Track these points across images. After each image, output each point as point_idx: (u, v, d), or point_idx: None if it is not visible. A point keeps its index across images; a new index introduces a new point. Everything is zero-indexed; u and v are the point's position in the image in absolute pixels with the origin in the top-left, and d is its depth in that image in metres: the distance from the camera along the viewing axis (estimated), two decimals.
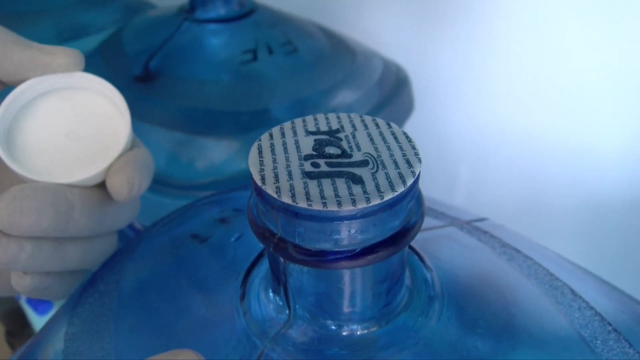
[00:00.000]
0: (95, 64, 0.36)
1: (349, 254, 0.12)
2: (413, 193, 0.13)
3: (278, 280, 0.15)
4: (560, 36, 0.37)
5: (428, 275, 0.16)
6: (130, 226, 0.34)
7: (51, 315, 0.20)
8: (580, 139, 0.40)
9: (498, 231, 0.22)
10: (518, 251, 0.20)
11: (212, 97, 0.33)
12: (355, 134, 0.14)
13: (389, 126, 0.15)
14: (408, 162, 0.13)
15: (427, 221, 0.21)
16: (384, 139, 0.14)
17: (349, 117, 0.15)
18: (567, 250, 0.42)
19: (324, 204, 0.12)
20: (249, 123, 0.33)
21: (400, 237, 0.13)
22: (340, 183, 0.12)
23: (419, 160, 0.13)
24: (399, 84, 0.39)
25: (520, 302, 0.17)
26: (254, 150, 0.14)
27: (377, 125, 0.15)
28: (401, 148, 0.14)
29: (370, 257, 0.13)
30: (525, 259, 0.20)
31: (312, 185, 0.12)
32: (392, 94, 0.38)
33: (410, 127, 0.41)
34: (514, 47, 0.39)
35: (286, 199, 0.12)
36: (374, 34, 0.44)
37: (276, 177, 0.13)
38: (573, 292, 0.19)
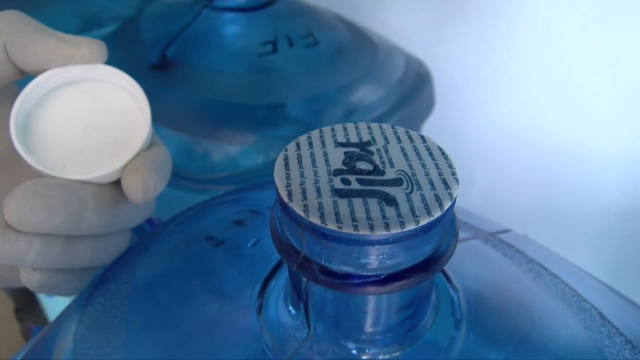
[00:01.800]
0: (110, 49, 0.35)
1: (376, 279, 0.12)
2: (449, 216, 0.12)
3: (299, 297, 0.14)
4: (585, 41, 0.35)
5: (454, 296, 0.16)
6: (147, 219, 0.33)
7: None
8: (600, 145, 0.39)
9: (522, 244, 0.21)
10: (544, 268, 0.20)
11: (228, 89, 0.32)
12: (387, 148, 0.13)
13: (423, 140, 0.14)
14: (445, 182, 0.12)
15: None
16: (418, 154, 0.13)
17: (381, 127, 0.14)
18: (583, 258, 0.41)
19: (355, 227, 0.11)
20: (265, 117, 0.32)
21: (431, 263, 0.12)
22: (373, 204, 0.12)
23: (457, 181, 0.12)
24: (420, 81, 0.38)
25: (548, 325, 0.17)
26: (280, 161, 0.13)
27: (410, 138, 0.14)
28: (437, 166, 0.13)
29: (398, 284, 0.12)
30: (552, 277, 0.19)
31: (343, 204, 0.12)
32: (414, 91, 0.37)
33: (427, 124, 0.40)
34: (539, 49, 0.38)
35: (314, 219, 0.11)
36: (394, 26, 0.42)
37: (304, 193, 0.12)
38: (602, 315, 0.18)
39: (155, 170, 0.18)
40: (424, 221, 0.11)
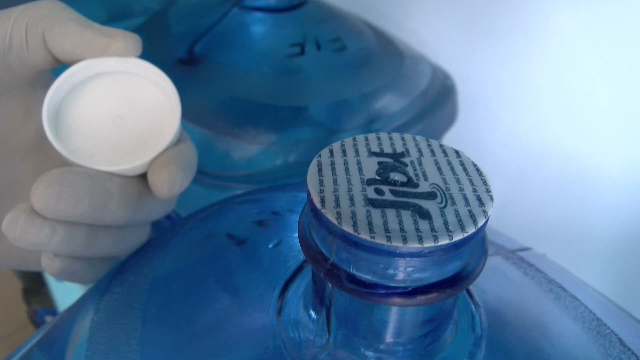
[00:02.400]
0: None
1: (403, 291, 0.12)
2: (482, 234, 0.12)
3: (321, 303, 0.14)
4: (608, 63, 0.35)
5: (476, 313, 0.15)
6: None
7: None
8: (623, 169, 0.38)
9: (542, 263, 0.21)
10: (564, 289, 0.19)
11: (253, 88, 0.32)
12: (421, 161, 0.13)
13: (458, 155, 0.14)
14: (479, 199, 0.12)
15: None
16: (452, 169, 0.13)
17: (415, 140, 0.14)
18: (597, 281, 0.41)
19: (388, 238, 0.11)
20: (288, 118, 0.32)
21: (460, 281, 0.12)
22: (406, 216, 0.12)
23: (491, 199, 0.12)
24: (445, 93, 0.38)
25: (567, 348, 0.16)
26: (313, 167, 0.13)
27: (444, 152, 0.14)
28: (471, 182, 0.13)
29: (424, 298, 0.12)
30: (572, 299, 0.19)
31: (376, 214, 0.12)
32: (438, 102, 0.37)
33: (448, 135, 0.40)
34: (565, 68, 0.38)
35: (347, 227, 0.11)
36: (423, 37, 0.42)
37: (337, 200, 0.12)
38: (622, 342, 0.18)
39: (182, 167, 0.18)
40: (458, 237, 0.11)
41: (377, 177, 0.13)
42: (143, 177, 0.19)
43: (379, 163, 0.13)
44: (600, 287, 0.22)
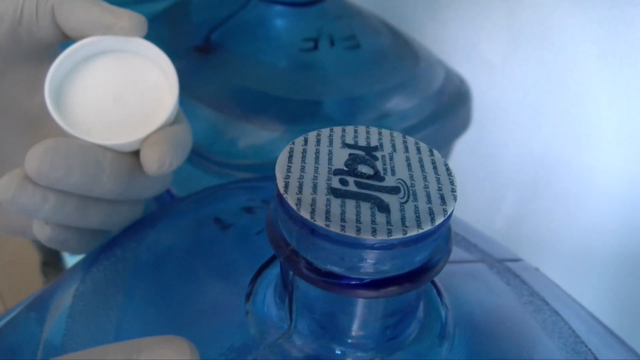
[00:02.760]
0: (159, 26, 0.36)
1: (358, 282, 0.12)
2: (441, 232, 0.12)
3: (285, 289, 0.14)
4: (635, 78, 0.34)
5: (443, 313, 0.15)
6: (169, 192, 0.34)
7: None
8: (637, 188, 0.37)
9: (530, 276, 0.21)
10: (546, 303, 0.19)
11: (265, 80, 0.32)
12: (393, 156, 0.13)
13: (431, 153, 0.14)
14: (442, 197, 0.12)
15: (457, 253, 0.20)
16: (422, 166, 0.13)
17: (391, 135, 0.14)
18: (600, 303, 0.40)
19: (343, 228, 0.11)
20: (297, 112, 0.32)
21: (417, 275, 0.12)
22: (365, 208, 0.12)
23: (454, 198, 0.12)
24: (459, 98, 0.38)
25: None
26: (284, 153, 0.13)
27: (418, 149, 0.14)
28: (438, 180, 0.13)
29: (382, 291, 0.12)
30: (552, 314, 0.19)
31: (335, 204, 0.12)
32: (450, 106, 0.37)
33: (461, 142, 0.39)
34: (586, 84, 0.37)
35: (305, 214, 0.11)
36: (443, 40, 0.42)
37: (300, 187, 0.12)
38: None
39: (174, 147, 0.18)
40: (412, 233, 0.11)
41: (345, 168, 0.13)
42: (136, 154, 0.19)
43: (350, 155, 0.13)
44: (608, 303, 0.21)
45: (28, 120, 0.20)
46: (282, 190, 0.12)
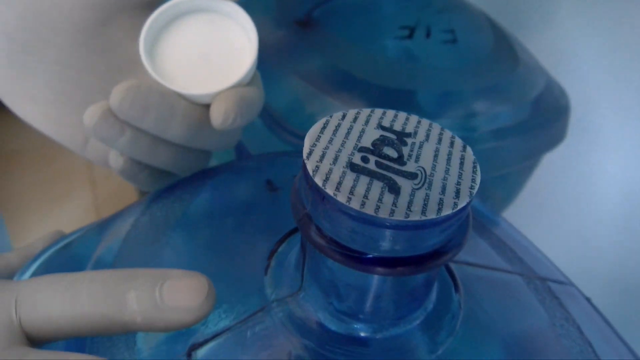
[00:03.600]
0: None
1: (358, 255, 0.12)
2: (447, 225, 0.12)
3: (301, 253, 0.15)
4: None
5: (456, 312, 0.15)
6: (246, 151, 0.36)
7: None
8: None
9: (573, 302, 0.20)
10: (580, 331, 0.18)
11: (356, 61, 0.33)
12: (423, 144, 0.13)
13: (463, 149, 0.14)
14: (457, 192, 0.12)
15: (495, 261, 0.20)
16: (449, 159, 0.13)
17: (430, 126, 0.14)
18: None
19: (349, 199, 0.12)
20: (380, 97, 0.32)
21: (410, 262, 0.12)
22: (376, 186, 0.12)
23: (470, 195, 0.12)
24: (556, 110, 0.36)
25: None
26: (319, 124, 0.14)
27: (452, 143, 0.14)
28: (460, 175, 0.13)
29: (379, 269, 0.12)
30: (583, 343, 0.18)
31: (349, 177, 0.12)
32: (546, 118, 0.35)
33: (552, 156, 0.37)
34: None
35: (318, 180, 0.12)
36: (555, 48, 0.40)
37: (322, 157, 0.13)
38: None
39: (240, 105, 0.20)
40: (414, 218, 0.11)
41: (371, 147, 0.13)
42: (208, 108, 0.21)
43: (381, 136, 0.13)
44: None
45: (127, 62, 0.23)
46: (305, 156, 0.13)
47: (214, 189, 0.22)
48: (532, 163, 0.38)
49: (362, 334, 0.14)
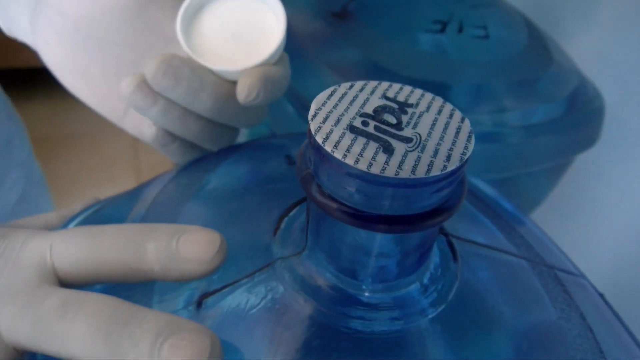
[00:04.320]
0: None
1: (353, 212, 0.13)
2: (438, 187, 0.13)
3: (306, 215, 0.16)
4: None
5: (454, 280, 0.16)
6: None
7: None
8: None
9: (582, 293, 0.20)
10: (583, 319, 0.18)
11: (387, 55, 0.34)
12: (422, 114, 0.14)
13: (462, 121, 0.14)
14: (448, 157, 0.13)
15: (503, 244, 0.20)
16: (445, 128, 0.14)
17: (432, 99, 0.15)
18: None
19: (344, 156, 0.13)
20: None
21: (398, 222, 0.13)
22: (371, 146, 0.13)
23: (461, 160, 0.13)
24: (591, 111, 0.35)
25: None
26: (327, 91, 0.15)
27: (451, 115, 0.14)
28: (454, 143, 0.13)
29: (371, 225, 0.13)
30: (584, 328, 0.18)
31: (347, 137, 0.13)
32: (579, 118, 0.35)
33: (584, 157, 0.37)
34: None
35: (319, 139, 0.13)
36: (587, 48, 0.39)
37: (325, 119, 0.14)
38: None
39: (265, 82, 0.21)
40: (404, 175, 0.12)
41: (372, 114, 0.14)
42: (235, 85, 0.22)
43: (383, 104, 0.14)
44: None
45: (165, 40, 0.24)
46: (310, 118, 0.14)
47: (236, 160, 0.23)
48: (563, 163, 0.38)
49: (357, 292, 0.15)
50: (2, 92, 0.39)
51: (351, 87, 0.15)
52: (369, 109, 0.14)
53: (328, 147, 0.13)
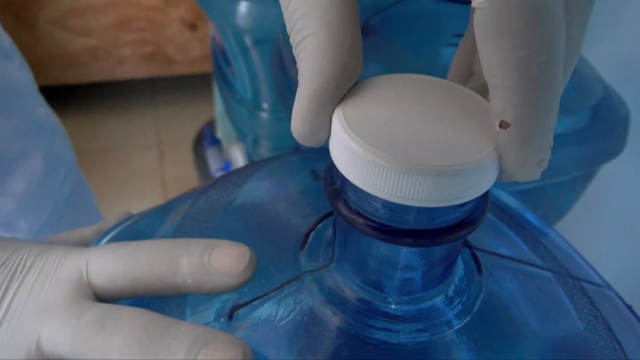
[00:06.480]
0: None
1: (378, 226, 0.14)
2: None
3: (333, 229, 0.16)
4: None
5: (479, 292, 0.16)
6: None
7: None
8: None
9: (608, 305, 0.20)
10: (610, 331, 0.18)
11: (409, 68, 0.34)
12: None
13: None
14: None
15: (527, 256, 0.20)
16: None
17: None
18: None
19: None
20: None
21: (423, 236, 0.13)
22: None
23: None
24: (615, 120, 0.35)
25: None
26: None
27: None
28: None
29: (394, 238, 0.13)
30: (611, 340, 0.18)
31: None
32: (604, 127, 0.35)
33: (609, 167, 0.36)
34: None
35: None
36: (612, 57, 0.39)
37: None
38: None
39: None
40: None
41: None
42: None
43: None
44: None
45: None
46: None
47: (263, 176, 0.23)
48: (589, 173, 0.38)
49: (383, 304, 0.15)
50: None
51: None
52: None
53: None
